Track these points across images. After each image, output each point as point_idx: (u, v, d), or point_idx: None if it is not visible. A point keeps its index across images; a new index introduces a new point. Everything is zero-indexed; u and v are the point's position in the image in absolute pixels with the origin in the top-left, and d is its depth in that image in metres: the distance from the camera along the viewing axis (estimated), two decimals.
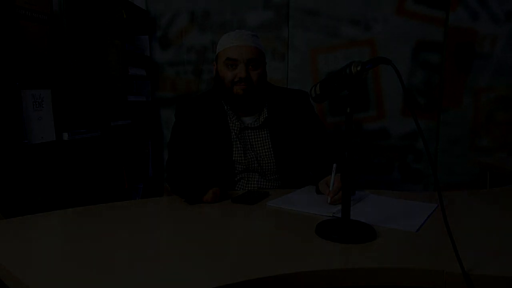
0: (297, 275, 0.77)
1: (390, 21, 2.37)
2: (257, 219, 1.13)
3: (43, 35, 1.65)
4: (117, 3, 2.19)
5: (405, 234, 0.96)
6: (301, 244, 0.93)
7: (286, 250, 0.89)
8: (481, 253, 0.85)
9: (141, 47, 2.56)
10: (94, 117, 1.97)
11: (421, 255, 0.86)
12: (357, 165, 2.51)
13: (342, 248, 0.89)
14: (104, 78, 2.04)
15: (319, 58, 2.45)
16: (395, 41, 2.37)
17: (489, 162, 2.12)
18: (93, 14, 1.96)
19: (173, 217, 1.17)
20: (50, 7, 1.68)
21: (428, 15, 2.35)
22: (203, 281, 0.74)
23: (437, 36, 2.37)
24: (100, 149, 2.01)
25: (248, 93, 1.38)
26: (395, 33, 2.37)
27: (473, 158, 2.37)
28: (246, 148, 1.43)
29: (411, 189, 2.49)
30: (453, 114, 2.43)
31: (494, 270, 0.78)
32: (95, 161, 1.98)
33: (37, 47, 1.62)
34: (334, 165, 1.21)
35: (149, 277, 0.74)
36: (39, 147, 1.61)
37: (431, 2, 2.34)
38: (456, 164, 2.46)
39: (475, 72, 2.38)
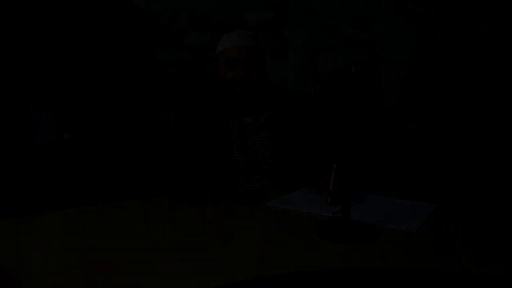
0: (297, 275, 0.77)
1: (390, 21, 2.37)
2: (257, 219, 1.13)
3: (43, 35, 1.65)
4: (117, 3, 2.19)
5: (405, 234, 0.96)
6: (301, 244, 0.93)
7: (286, 250, 0.89)
8: (481, 253, 0.85)
9: (141, 47, 2.56)
10: (94, 117, 1.97)
11: (421, 255, 0.86)
12: (356, 165, 2.50)
13: (342, 248, 0.89)
14: (104, 78, 2.04)
15: (319, 58, 2.45)
16: (395, 41, 2.37)
17: (489, 162, 2.12)
18: (93, 14, 1.96)
19: (173, 217, 1.17)
20: (50, 7, 1.68)
21: (428, 15, 2.35)
22: (203, 281, 0.74)
23: (437, 36, 2.36)
24: (100, 149, 2.01)
25: (248, 93, 1.38)
26: (395, 33, 2.37)
27: (472, 159, 2.36)
28: (246, 148, 1.43)
29: (411, 189, 2.48)
30: (453, 114, 2.42)
31: (494, 270, 0.78)
32: (95, 161, 1.98)
33: (37, 48, 1.62)
34: (334, 165, 1.21)
35: (150, 277, 0.74)
36: (39, 147, 1.61)
37: (431, 2, 2.34)
38: (456, 164, 2.45)
39: (475, 72, 2.37)
